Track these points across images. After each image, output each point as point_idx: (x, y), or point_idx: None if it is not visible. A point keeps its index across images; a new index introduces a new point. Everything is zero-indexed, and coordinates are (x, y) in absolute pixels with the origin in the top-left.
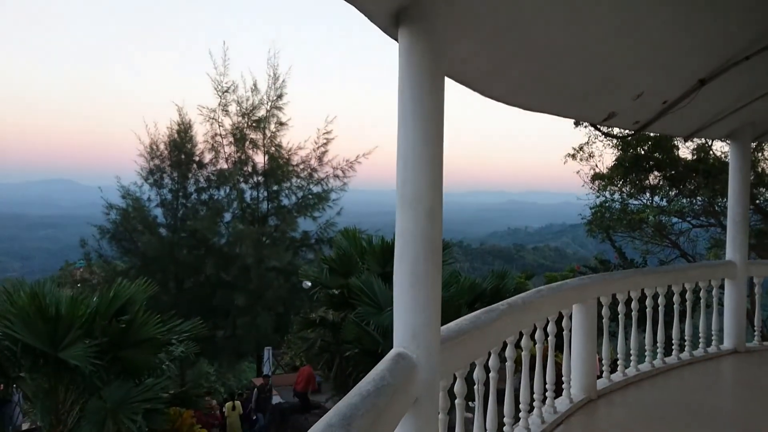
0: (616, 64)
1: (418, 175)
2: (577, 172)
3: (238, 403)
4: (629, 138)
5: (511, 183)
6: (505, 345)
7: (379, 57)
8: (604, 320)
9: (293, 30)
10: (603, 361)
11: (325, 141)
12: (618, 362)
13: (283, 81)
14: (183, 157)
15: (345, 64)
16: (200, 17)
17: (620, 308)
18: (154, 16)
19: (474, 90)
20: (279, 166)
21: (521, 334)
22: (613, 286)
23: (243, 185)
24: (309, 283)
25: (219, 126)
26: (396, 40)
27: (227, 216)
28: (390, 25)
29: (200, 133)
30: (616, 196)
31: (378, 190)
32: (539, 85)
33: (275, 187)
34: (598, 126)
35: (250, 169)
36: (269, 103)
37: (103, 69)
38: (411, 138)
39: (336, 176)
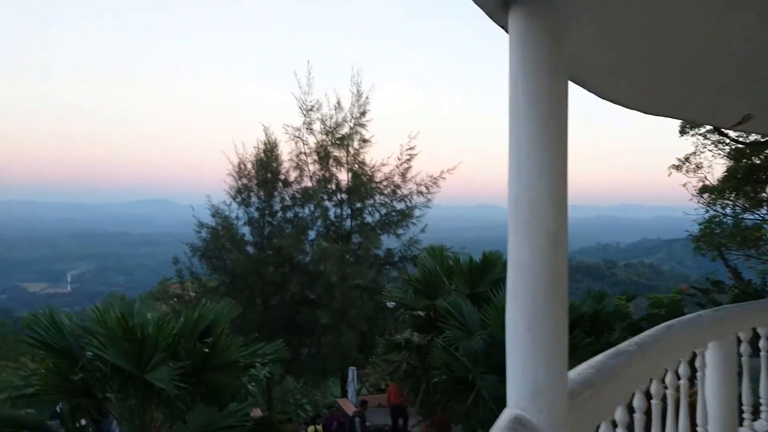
0: (761, 55)
1: (536, 190)
2: (684, 185)
3: (320, 427)
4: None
5: (600, 196)
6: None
7: (463, 66)
8: (743, 358)
9: (377, 46)
10: (744, 407)
11: (408, 157)
12: (761, 408)
13: (366, 98)
14: (269, 176)
15: (428, 75)
16: (287, 37)
17: (762, 344)
18: (242, 38)
19: (589, 90)
20: (362, 184)
21: (650, 381)
22: (755, 318)
23: (327, 203)
24: (393, 303)
25: (303, 144)
26: (503, 28)
27: (311, 234)
28: (498, 6)
29: (285, 151)
30: (728, 210)
31: (463, 205)
32: (669, 84)
33: (358, 205)
34: (725, 131)
35: (333, 187)
36: (352, 121)
37: (196, 92)
38: (526, 146)
39: (420, 192)
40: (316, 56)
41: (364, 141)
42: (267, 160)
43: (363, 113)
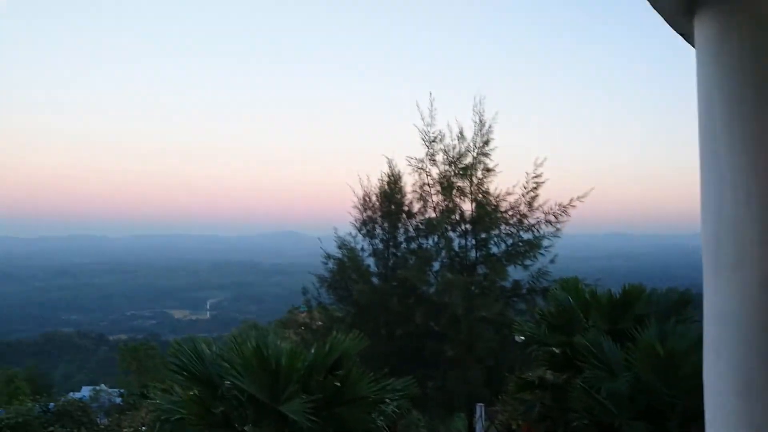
0: None
1: (742, 227)
2: None
3: None
4: None
5: None
6: None
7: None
8: None
9: (499, 73)
10: None
11: (534, 185)
12: None
13: (489, 127)
14: (393, 207)
15: (554, 98)
16: (410, 67)
17: None
18: (365, 71)
19: None
20: (487, 213)
21: None
22: None
23: (451, 234)
24: (522, 338)
25: (427, 175)
26: (684, 37)
27: (436, 265)
28: (680, 11)
29: (409, 183)
30: None
31: (591, 233)
32: None
33: (483, 235)
34: None
35: (457, 218)
36: (475, 150)
37: (322, 125)
38: (729, 176)
39: (548, 221)
40: (438, 85)
41: (488, 170)
42: (391, 192)
43: (486, 142)
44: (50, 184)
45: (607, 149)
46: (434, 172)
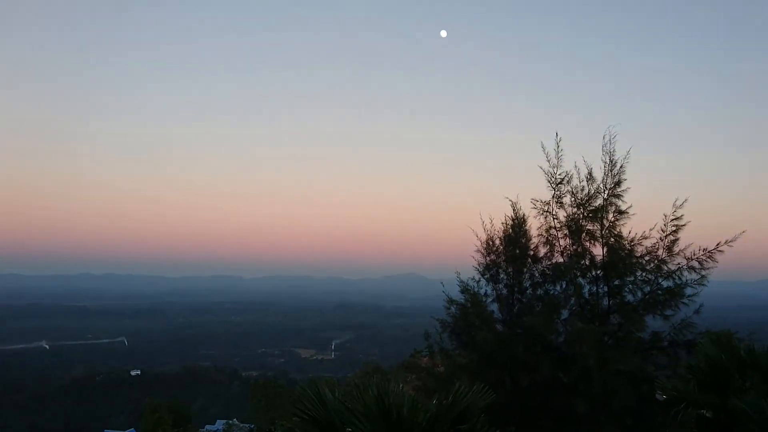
0: None
1: None
2: None
3: None
4: None
5: None
6: None
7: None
8: None
9: (627, 107)
10: None
11: (674, 228)
12: None
13: (621, 167)
14: (518, 251)
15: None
16: (532, 108)
17: None
18: (487, 113)
19: None
20: (620, 259)
21: None
22: None
23: (580, 280)
24: (664, 396)
25: (553, 218)
26: None
27: (564, 312)
28: None
29: (534, 226)
30: None
31: (744, 281)
32: None
33: (617, 282)
34: None
35: (587, 263)
36: (606, 192)
37: (443, 168)
38: None
39: (691, 268)
40: (564, 125)
41: (620, 212)
42: (515, 235)
43: (618, 183)
44: (196, 227)
45: (762, 190)
46: (561, 215)
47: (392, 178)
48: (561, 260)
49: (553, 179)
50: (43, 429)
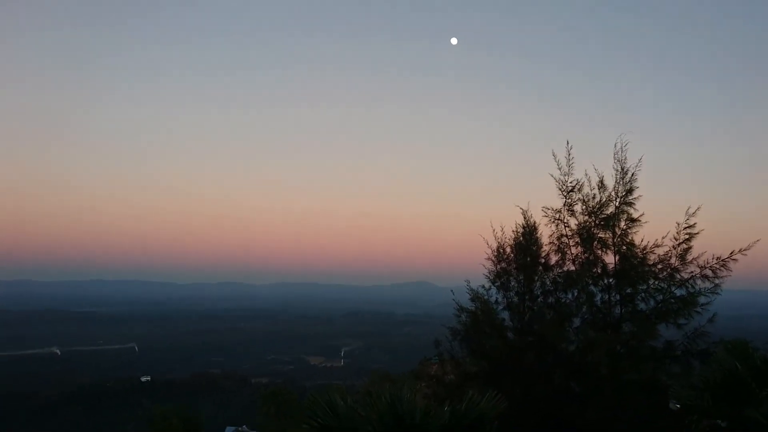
0: None
1: None
2: None
3: None
4: None
5: None
6: None
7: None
8: None
9: (638, 117)
10: None
11: (687, 236)
12: None
13: (632, 175)
14: (528, 259)
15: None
16: (539, 116)
17: None
18: (497, 119)
19: None
20: (632, 267)
21: None
22: None
23: (592, 288)
24: (678, 405)
25: (565, 226)
26: None
27: (576, 321)
28: None
29: (545, 234)
30: None
31: (759, 290)
32: None
33: (629, 290)
34: None
35: (599, 271)
36: (617, 200)
37: (454, 176)
38: None
39: (704, 276)
40: (575, 133)
41: (632, 220)
42: (526, 243)
43: (629, 191)
44: (206, 234)
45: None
46: (573, 222)
47: (402, 185)
48: (572, 268)
49: (564, 187)
50: None
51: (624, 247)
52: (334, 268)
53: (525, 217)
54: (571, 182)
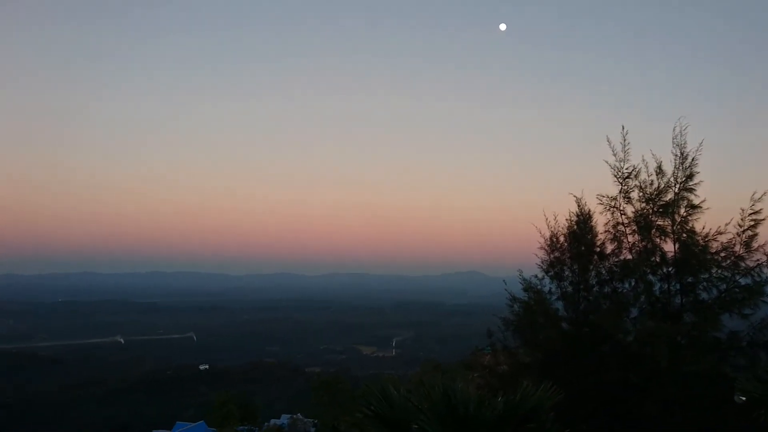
0: None
1: None
2: None
3: None
4: None
5: None
6: None
7: None
8: None
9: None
10: None
11: (752, 222)
12: None
13: (693, 159)
14: (583, 248)
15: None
16: (597, 102)
17: None
18: (552, 107)
19: None
20: (693, 255)
21: None
22: None
23: (651, 277)
24: (743, 398)
25: (621, 214)
26: None
27: (634, 311)
28: None
29: (600, 223)
30: None
31: None
32: None
33: (690, 279)
34: None
35: (658, 259)
36: (677, 186)
37: (504, 165)
38: None
39: None
40: (630, 118)
41: (693, 207)
42: (581, 232)
43: (690, 176)
44: (260, 228)
45: None
46: (629, 210)
47: (453, 176)
48: (629, 257)
49: (619, 174)
50: (120, 421)
51: (684, 235)
52: (384, 258)
53: (579, 205)
54: (627, 168)
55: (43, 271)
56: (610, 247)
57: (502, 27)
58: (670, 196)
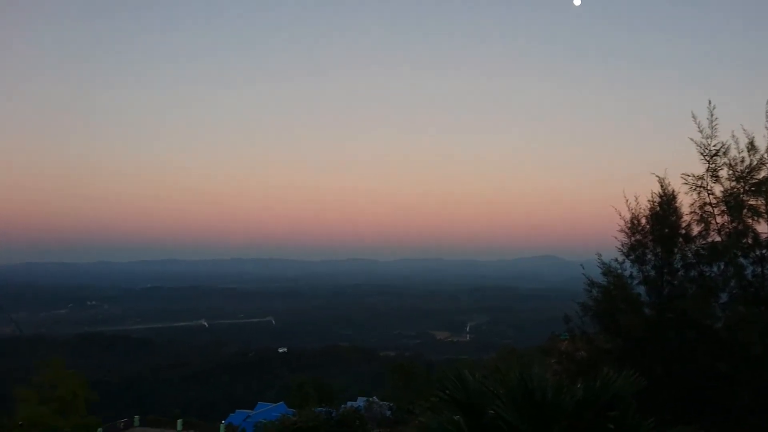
0: None
1: None
2: None
3: None
4: None
5: None
6: None
7: None
8: None
9: None
10: None
11: None
12: None
13: None
14: (667, 230)
15: None
16: (678, 78)
17: None
18: (635, 85)
19: None
20: None
21: None
22: None
23: (742, 260)
24: None
25: (708, 194)
26: None
27: (723, 296)
28: None
29: (685, 203)
30: None
31: None
32: None
33: None
34: None
35: (750, 241)
36: None
37: (582, 145)
38: None
39: None
40: (717, 92)
41: None
42: (664, 213)
43: None
44: (333, 214)
45: None
46: (717, 189)
47: (529, 159)
48: (718, 239)
49: (706, 151)
50: (208, 399)
51: None
52: (458, 243)
53: (662, 186)
54: (714, 146)
55: (132, 258)
56: (696, 229)
57: (577, 2)
58: (763, 173)
